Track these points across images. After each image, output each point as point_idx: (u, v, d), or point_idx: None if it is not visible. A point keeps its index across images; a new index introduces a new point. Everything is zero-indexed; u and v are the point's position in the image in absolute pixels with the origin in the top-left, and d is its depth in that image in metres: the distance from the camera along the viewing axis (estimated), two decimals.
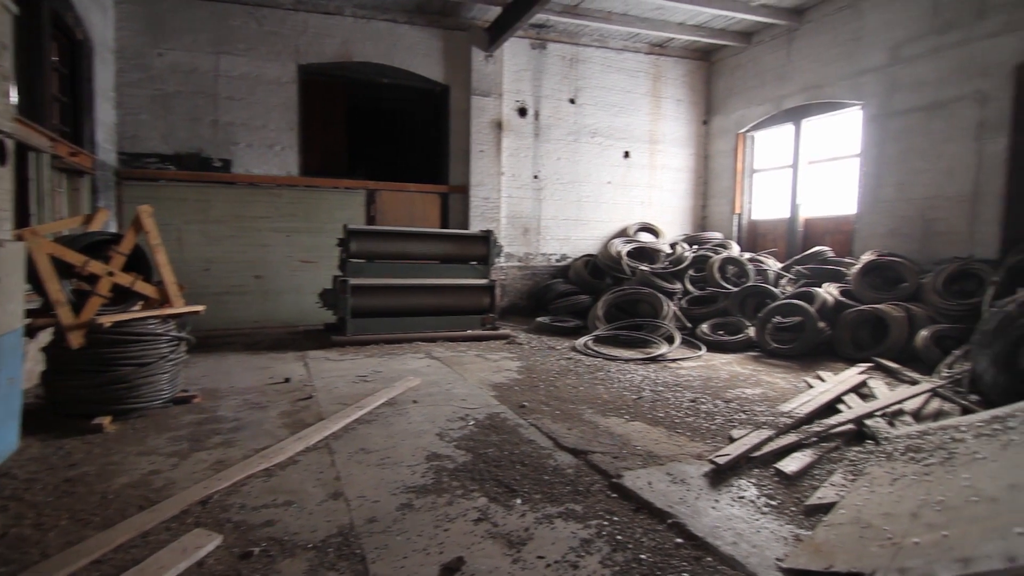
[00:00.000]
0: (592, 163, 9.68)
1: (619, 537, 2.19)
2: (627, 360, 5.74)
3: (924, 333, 5.26)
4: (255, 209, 7.79)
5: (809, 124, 8.47)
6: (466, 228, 8.63)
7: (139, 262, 4.10)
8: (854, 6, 7.53)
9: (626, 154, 9.88)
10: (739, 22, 8.70)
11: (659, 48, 9.84)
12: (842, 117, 8.01)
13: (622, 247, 8.93)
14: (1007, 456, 2.31)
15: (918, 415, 3.71)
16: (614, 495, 2.60)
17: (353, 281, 6.49)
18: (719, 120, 9.99)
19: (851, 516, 2.28)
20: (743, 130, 9.48)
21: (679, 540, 2.19)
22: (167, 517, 2.31)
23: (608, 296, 7.61)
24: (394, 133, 12.35)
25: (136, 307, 4.11)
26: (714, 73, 10.09)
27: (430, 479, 2.74)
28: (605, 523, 2.31)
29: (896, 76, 7.03)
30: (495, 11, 8.15)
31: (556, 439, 3.34)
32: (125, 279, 3.90)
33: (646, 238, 9.61)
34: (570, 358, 5.87)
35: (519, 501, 2.51)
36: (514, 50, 9.00)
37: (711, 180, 10.20)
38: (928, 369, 4.89)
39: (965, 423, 2.87)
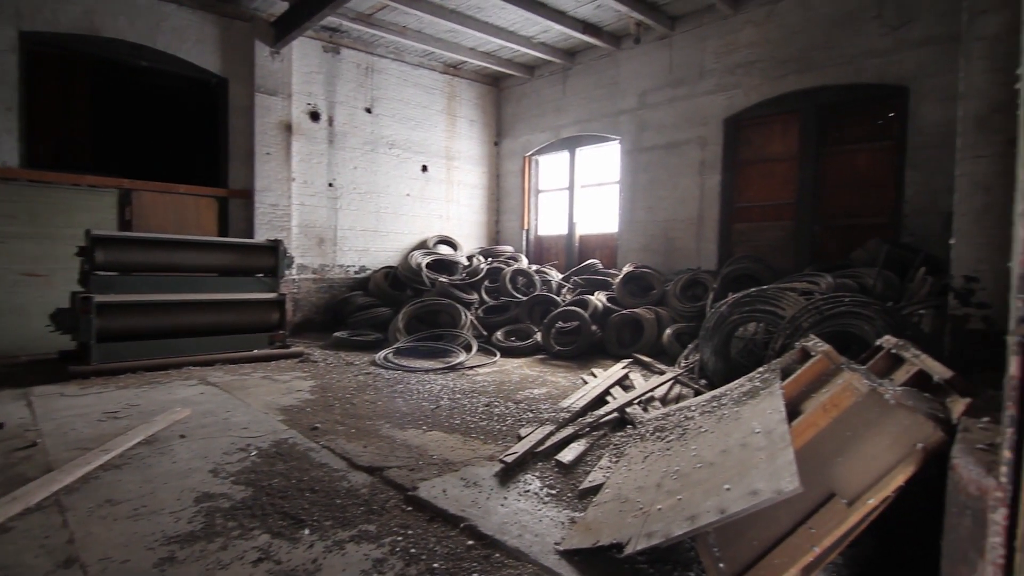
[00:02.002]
0: (391, 175, 9.62)
1: (413, 550, 2.20)
2: (427, 370, 5.81)
3: (669, 331, 6.37)
4: None
5: (582, 152, 9.67)
6: (251, 237, 7.84)
7: None
8: (611, 56, 8.85)
9: (424, 168, 10.05)
10: (523, 55, 9.54)
11: (454, 69, 10.25)
12: (607, 149, 9.31)
13: (422, 259, 9.03)
14: (721, 427, 2.92)
15: (665, 400, 4.47)
16: (409, 508, 2.61)
17: (100, 299, 5.39)
18: (508, 142, 10.79)
19: (613, 494, 2.65)
20: (529, 153, 10.40)
21: (471, 542, 2.28)
22: None
23: (409, 308, 7.63)
24: (161, 126, 10.64)
25: None
26: (503, 99, 10.88)
27: (199, 524, 2.41)
28: (399, 539, 2.30)
29: (644, 118, 8.44)
30: (282, 6, 7.62)
31: (351, 459, 3.22)
32: None
33: (445, 250, 9.87)
34: (369, 373, 5.72)
35: (307, 532, 2.35)
36: (304, 50, 8.51)
37: (503, 197, 10.95)
38: (672, 361, 5.91)
39: (695, 404, 3.54)
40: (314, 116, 8.73)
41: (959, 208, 3.67)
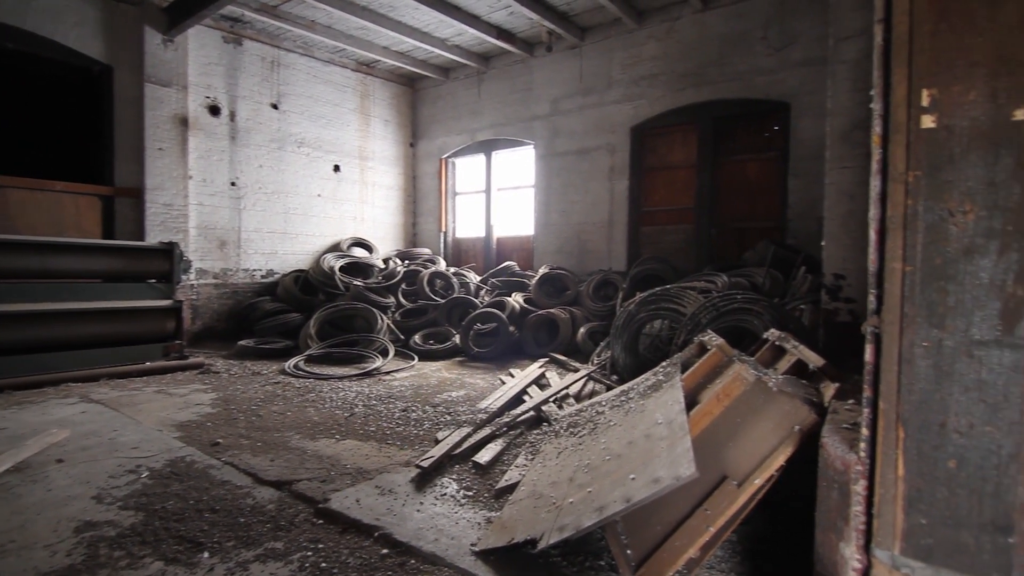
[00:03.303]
0: (300, 174, 9.22)
1: (324, 565, 2.13)
2: (341, 377, 5.62)
3: (582, 330, 6.59)
4: None
5: (498, 156, 9.77)
6: (142, 239, 7.20)
7: None
8: (525, 62, 9.03)
9: (336, 168, 9.72)
10: (438, 57, 9.49)
11: (367, 67, 10.00)
12: (522, 153, 9.48)
13: (335, 262, 8.72)
14: (628, 420, 3.07)
15: (579, 397, 4.62)
16: (320, 521, 2.52)
17: None
18: (424, 144, 10.68)
19: (528, 491, 2.70)
20: (445, 155, 10.36)
21: (385, 551, 2.25)
22: None
23: (321, 313, 7.33)
24: (34, 118, 9.46)
25: None
26: (419, 100, 10.76)
27: (80, 556, 2.19)
28: (309, 554, 2.21)
29: (557, 124, 8.69)
30: None
31: (256, 474, 3.05)
32: None
33: (360, 253, 9.60)
34: (278, 382, 5.44)
35: (206, 555, 2.21)
36: (202, 40, 7.96)
37: (420, 199, 10.82)
38: (586, 358, 6.13)
39: (605, 399, 3.70)
40: (214, 110, 8.18)
41: (828, 213, 4.11)
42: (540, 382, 5.16)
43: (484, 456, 3.27)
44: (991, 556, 1.21)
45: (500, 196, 9.89)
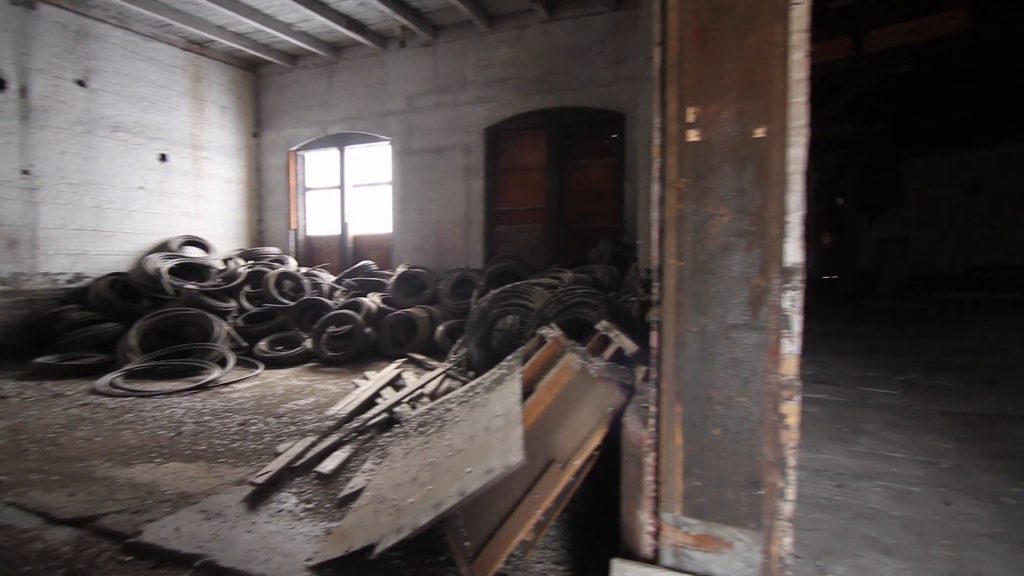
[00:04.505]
0: (116, 163, 8.05)
1: None
2: (169, 393, 5.03)
3: (441, 328, 6.61)
4: None
5: (352, 151, 9.41)
6: None
7: None
8: (379, 56, 8.80)
9: (163, 157, 8.64)
10: (283, 42, 8.87)
11: (199, 47, 9.02)
12: (378, 148, 9.23)
13: (163, 263, 7.76)
14: (473, 415, 3.13)
15: (435, 395, 4.63)
16: (129, 558, 2.23)
17: None
18: (270, 135, 9.93)
19: (373, 496, 2.65)
20: (294, 148, 9.72)
21: None
22: None
23: (145, 321, 6.48)
24: None
25: None
26: (263, 87, 9.97)
27: None
28: None
29: (412, 121, 8.60)
30: None
31: (48, 513, 2.62)
32: None
33: (194, 253, 8.65)
34: (87, 404, 4.71)
35: None
36: None
37: (266, 194, 10.04)
38: (444, 357, 6.15)
39: (455, 395, 3.74)
40: None
41: (641, 215, 4.59)
42: (396, 383, 5.07)
43: (329, 465, 3.13)
44: (747, 507, 1.44)
45: (356, 193, 9.53)
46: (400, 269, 7.76)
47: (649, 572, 1.52)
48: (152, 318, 6.52)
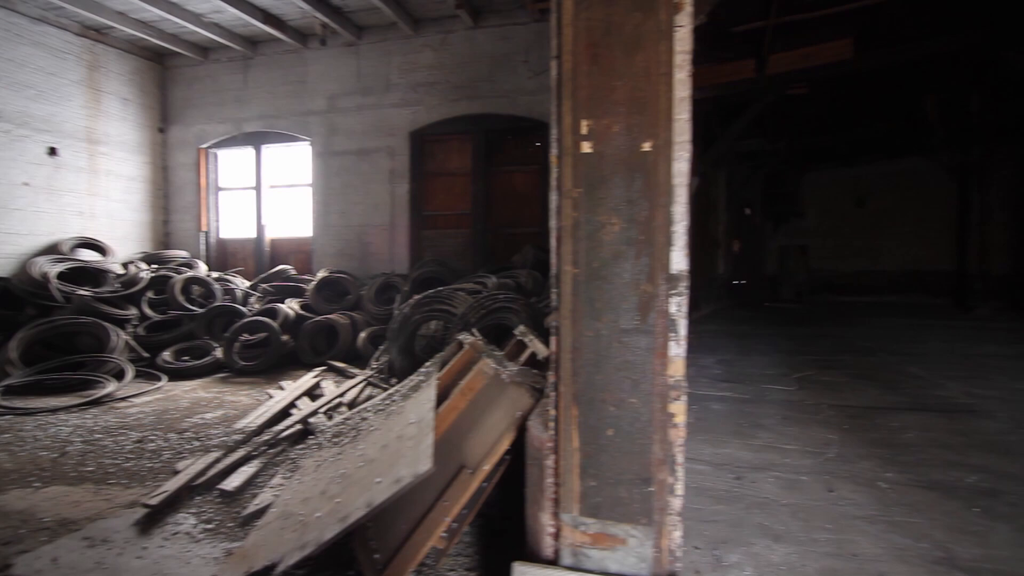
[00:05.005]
0: None
1: None
2: (56, 410, 4.58)
3: (363, 335, 6.44)
4: None
5: (269, 150, 9.00)
6: None
7: None
8: (299, 53, 8.49)
9: (53, 151, 7.88)
10: (192, 33, 8.35)
11: (96, 33, 8.31)
12: (297, 149, 8.88)
13: (51, 267, 7.05)
14: (388, 423, 3.07)
15: (354, 404, 4.50)
16: None
17: None
18: (178, 130, 9.31)
19: (279, 512, 2.53)
20: (205, 145, 9.17)
21: None
22: None
23: (28, 331, 5.87)
24: None
25: None
26: (170, 79, 9.33)
27: None
28: None
29: (334, 122, 8.35)
30: None
31: None
32: None
33: (89, 256, 7.93)
34: None
35: None
36: None
37: (173, 194, 9.39)
38: (366, 364, 6.00)
39: (372, 404, 3.65)
40: None
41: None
42: (313, 393, 4.88)
43: (234, 482, 2.97)
44: (639, 504, 1.51)
45: (274, 194, 9.11)
46: (321, 274, 7.50)
47: (548, 573, 1.55)
48: (37, 328, 5.91)
